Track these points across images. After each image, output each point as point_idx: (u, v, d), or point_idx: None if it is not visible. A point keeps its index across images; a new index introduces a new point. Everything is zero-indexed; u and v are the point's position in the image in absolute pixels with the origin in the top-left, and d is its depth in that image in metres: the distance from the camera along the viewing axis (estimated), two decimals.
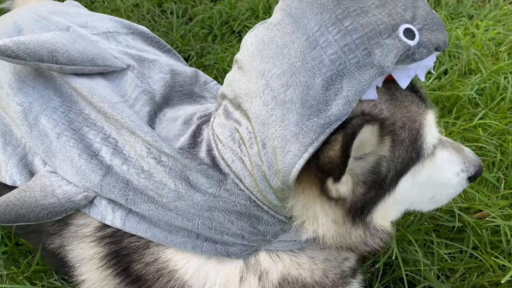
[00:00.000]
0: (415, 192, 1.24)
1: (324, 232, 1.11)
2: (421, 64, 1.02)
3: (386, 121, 1.00)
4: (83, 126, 1.29)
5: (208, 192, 1.13)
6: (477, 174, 1.32)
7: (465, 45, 2.62)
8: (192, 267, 1.18)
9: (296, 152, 0.94)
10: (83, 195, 1.22)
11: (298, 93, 0.94)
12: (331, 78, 0.94)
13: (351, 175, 1.03)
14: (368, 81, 0.94)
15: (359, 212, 1.10)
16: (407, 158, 1.10)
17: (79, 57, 1.31)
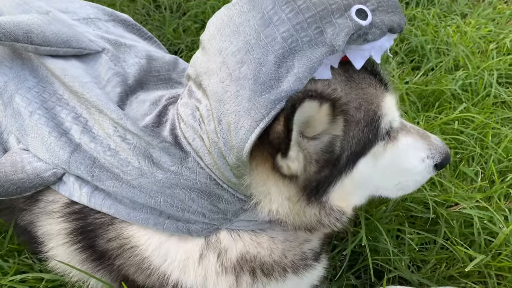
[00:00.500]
0: (378, 176, 1.25)
1: (278, 209, 1.13)
2: (375, 45, 1.04)
3: (338, 100, 1.01)
4: (56, 106, 1.32)
5: (170, 170, 1.15)
6: (444, 161, 1.33)
7: (454, 42, 2.62)
8: (153, 244, 1.20)
9: (248, 128, 0.97)
10: (52, 172, 1.25)
11: (252, 69, 0.97)
12: (283, 55, 0.96)
13: (304, 153, 1.05)
14: (319, 59, 0.96)
15: (315, 191, 1.11)
16: (363, 139, 1.11)
17: (54, 39, 1.34)
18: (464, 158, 1.96)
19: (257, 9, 1.00)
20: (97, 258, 1.27)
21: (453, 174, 1.92)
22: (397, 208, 1.75)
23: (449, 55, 2.54)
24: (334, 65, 1.05)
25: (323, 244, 1.39)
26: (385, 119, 1.15)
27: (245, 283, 1.20)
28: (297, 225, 1.17)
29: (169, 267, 1.20)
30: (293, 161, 1.03)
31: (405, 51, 2.62)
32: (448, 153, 1.34)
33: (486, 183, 1.84)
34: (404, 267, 1.61)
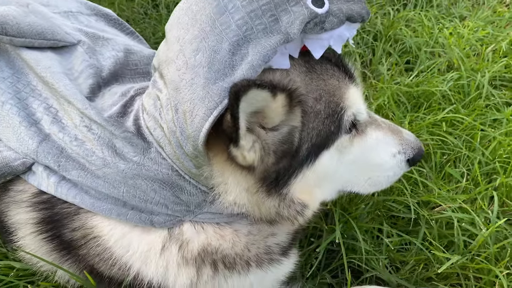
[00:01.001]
0: (347, 171, 1.23)
1: (237, 200, 1.12)
2: (333, 34, 1.03)
3: (295, 91, 1.00)
4: (28, 96, 1.33)
5: (132, 160, 1.15)
6: (416, 156, 1.30)
7: (449, 44, 2.58)
8: (116, 234, 1.20)
9: (202, 116, 0.96)
10: (21, 161, 1.26)
11: (206, 57, 0.96)
12: (238, 43, 0.95)
13: (262, 144, 1.04)
14: (273, 47, 0.95)
15: (274, 183, 1.09)
16: (324, 131, 1.09)
17: (29, 30, 1.35)
18: (450, 159, 1.93)
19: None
20: (64, 248, 1.27)
21: (438, 176, 1.89)
22: (378, 207, 1.72)
23: (443, 57, 2.50)
24: (294, 55, 1.04)
25: (293, 239, 1.37)
26: (349, 112, 1.13)
27: (206, 275, 1.18)
28: (258, 217, 1.15)
29: (130, 258, 1.19)
30: (248, 151, 1.02)
31: (399, 52, 2.59)
32: (420, 148, 1.31)
33: (471, 185, 1.80)
34: (382, 267, 1.58)
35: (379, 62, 2.53)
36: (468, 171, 1.85)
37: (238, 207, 1.13)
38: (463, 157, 1.90)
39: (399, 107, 2.19)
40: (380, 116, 1.37)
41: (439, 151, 1.91)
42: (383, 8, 2.91)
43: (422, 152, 1.31)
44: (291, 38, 0.96)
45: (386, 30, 2.65)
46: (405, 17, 2.84)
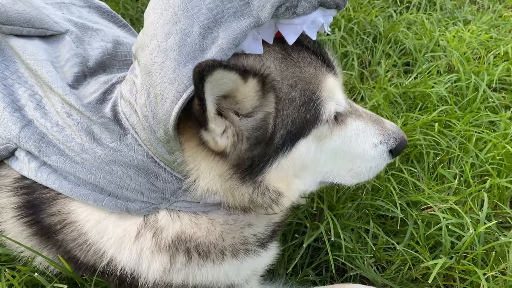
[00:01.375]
0: (327, 161, 1.21)
1: (210, 186, 1.11)
2: (307, 19, 1.02)
3: (267, 77, 0.99)
4: (15, 83, 1.35)
5: (109, 147, 1.15)
6: (399, 147, 1.27)
7: (450, 46, 2.56)
8: (92, 220, 1.20)
9: (172, 99, 0.95)
10: (4, 146, 1.27)
11: (177, 40, 0.96)
12: (208, 26, 0.95)
13: (235, 130, 1.03)
14: (243, 30, 0.95)
15: (249, 170, 1.08)
16: (300, 119, 1.08)
17: (17, 18, 1.38)
18: (444, 160, 1.90)
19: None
20: (43, 234, 1.27)
21: (431, 177, 1.86)
22: (366, 206, 1.70)
23: (443, 59, 2.48)
24: (268, 40, 1.04)
25: (274, 232, 1.36)
26: (327, 100, 1.11)
27: (179, 263, 1.18)
28: (231, 204, 1.14)
29: (105, 244, 1.19)
30: (220, 136, 1.01)
31: (398, 53, 2.57)
32: (403, 138, 1.28)
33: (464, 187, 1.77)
34: (367, 266, 1.56)
35: (378, 63, 2.51)
36: (461, 172, 1.82)
37: (211, 193, 1.12)
38: (456, 158, 1.87)
39: (395, 107, 2.17)
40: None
41: (432, 151, 1.88)
42: (385, 10, 2.89)
43: (404, 142, 1.29)
44: (262, 22, 0.95)
45: (387, 32, 2.64)
46: (407, 19, 2.82)
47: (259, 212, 1.19)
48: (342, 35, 2.56)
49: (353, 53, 2.43)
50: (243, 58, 1.02)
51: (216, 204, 1.19)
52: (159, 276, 1.18)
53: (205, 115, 0.93)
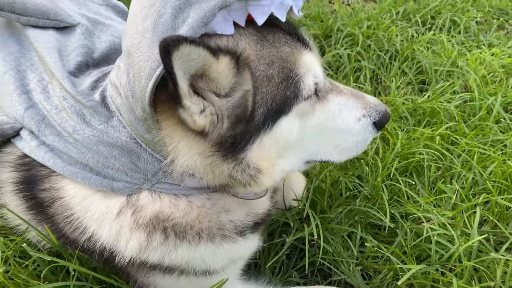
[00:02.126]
0: (312, 138, 1.24)
1: (189, 163, 1.15)
2: (275, 1, 1.08)
3: (241, 54, 1.04)
4: (27, 69, 1.47)
5: (97, 128, 1.23)
6: (382, 119, 1.29)
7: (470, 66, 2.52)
8: (79, 196, 1.27)
9: (147, 76, 1.01)
10: (10, 125, 1.38)
11: (152, 21, 1.03)
12: (180, 7, 1.01)
13: (215, 109, 1.07)
14: (211, 9, 1.00)
15: (231, 148, 1.12)
16: (280, 96, 1.11)
17: (34, 10, 1.51)
18: (445, 176, 1.87)
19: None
20: (37, 207, 1.36)
21: (431, 191, 1.83)
22: (357, 214, 1.69)
23: (459, 79, 2.45)
24: (240, 22, 1.08)
25: (256, 224, 1.38)
26: (306, 76, 1.14)
27: (156, 241, 1.22)
28: (210, 181, 1.18)
29: (88, 220, 1.25)
30: (198, 115, 1.05)
31: (414, 71, 2.56)
32: (386, 111, 1.30)
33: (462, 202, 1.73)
34: (352, 272, 1.55)
35: (392, 80, 2.51)
36: (462, 189, 1.78)
37: (190, 171, 1.16)
38: (457, 174, 1.84)
39: (402, 122, 2.16)
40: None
41: (434, 164, 1.86)
42: (405, 30, 2.90)
43: (387, 114, 1.30)
44: (229, 1, 1.01)
45: (404, 50, 2.64)
46: (426, 39, 2.81)
47: (238, 191, 1.22)
48: (359, 50, 2.59)
49: (367, 68, 2.45)
50: (217, 38, 1.07)
51: (197, 189, 1.24)
52: (135, 253, 1.23)
53: (177, 90, 0.98)
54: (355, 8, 3.37)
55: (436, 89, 2.35)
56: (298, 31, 1.21)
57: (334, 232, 1.63)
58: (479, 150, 1.87)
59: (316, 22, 2.96)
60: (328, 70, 2.53)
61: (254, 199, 1.34)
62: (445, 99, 2.21)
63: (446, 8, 3.19)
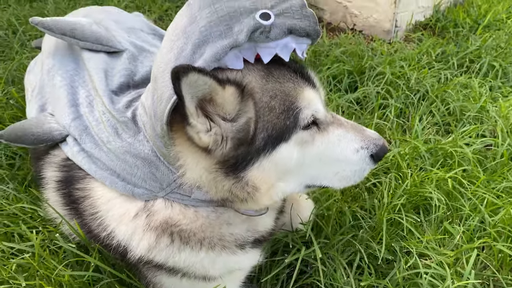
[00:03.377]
0: (312, 164, 1.37)
1: (195, 176, 1.33)
2: (279, 43, 1.24)
3: (247, 85, 1.22)
4: (79, 86, 1.74)
5: (126, 140, 1.45)
6: (379, 152, 1.40)
7: (499, 113, 2.55)
8: (104, 197, 1.48)
9: (166, 99, 1.21)
10: (59, 132, 1.64)
11: (175, 54, 1.23)
12: (198, 44, 1.21)
13: (220, 130, 1.24)
14: (224, 48, 1.19)
15: (233, 167, 1.28)
16: (280, 125, 1.26)
17: (90, 36, 1.79)
18: (454, 216, 1.92)
19: (189, 11, 1.28)
20: (72, 204, 1.58)
21: (436, 229, 1.89)
22: (359, 243, 1.78)
23: (485, 124, 2.48)
24: (250, 60, 1.26)
25: (256, 240, 1.52)
26: (306, 110, 1.29)
27: (163, 243, 1.40)
28: (213, 194, 1.35)
29: (110, 219, 1.46)
30: (204, 134, 1.24)
31: (442, 113, 2.62)
32: (384, 144, 1.40)
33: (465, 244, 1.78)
34: None
35: (420, 119, 2.59)
36: (467, 230, 1.83)
37: (197, 185, 1.34)
38: (465, 217, 1.88)
39: (421, 161, 2.23)
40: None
41: (443, 204, 1.91)
42: (439, 72, 2.97)
43: (385, 148, 1.40)
44: (239, 42, 1.19)
45: (434, 91, 2.71)
46: (460, 83, 2.86)
47: (237, 206, 1.38)
48: (388, 88, 2.69)
49: (392, 105, 2.54)
50: (227, 72, 1.26)
51: (205, 202, 1.40)
52: (144, 251, 1.41)
53: (185, 110, 1.17)
54: (396, 46, 3.48)
55: (459, 133, 2.39)
56: (304, 69, 1.37)
57: (334, 257, 1.73)
58: (489, 196, 1.90)
59: (353, 58, 3.09)
60: (355, 106, 2.66)
61: (255, 215, 1.49)
62: (465, 142, 2.26)
63: (487, 52, 3.22)
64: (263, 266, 1.70)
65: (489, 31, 3.66)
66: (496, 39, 3.45)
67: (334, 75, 2.95)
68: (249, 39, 1.21)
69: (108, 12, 2.20)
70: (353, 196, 2.00)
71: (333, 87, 2.88)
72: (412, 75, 2.82)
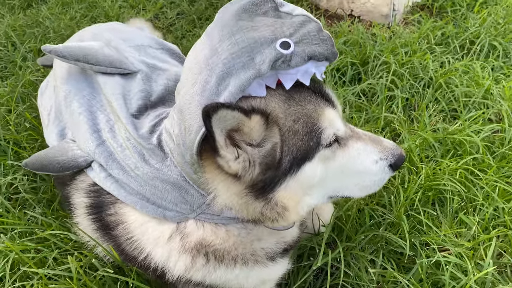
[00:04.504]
0: (334, 178, 1.44)
1: (227, 202, 1.39)
2: (300, 69, 1.28)
3: (271, 113, 1.27)
4: (97, 110, 1.77)
5: (154, 166, 1.50)
6: (398, 162, 1.47)
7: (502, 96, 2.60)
8: (138, 222, 1.54)
9: (195, 131, 1.27)
10: (84, 159, 1.68)
11: (200, 87, 1.27)
12: (222, 76, 1.25)
13: (248, 157, 1.30)
14: (248, 79, 1.23)
15: (262, 190, 1.34)
16: (304, 146, 1.32)
17: (103, 60, 1.82)
18: (468, 207, 1.99)
19: (209, 42, 1.32)
20: (104, 228, 1.65)
21: (453, 221, 1.96)
22: (379, 241, 1.86)
23: (491, 108, 2.53)
24: (271, 86, 1.30)
25: (285, 250, 1.60)
26: (327, 130, 1.34)
27: (199, 264, 1.47)
28: (245, 216, 1.41)
29: (145, 242, 1.52)
30: (233, 162, 1.29)
31: (447, 99, 2.67)
32: (401, 154, 1.48)
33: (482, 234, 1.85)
34: None
35: (426, 107, 2.63)
36: (481, 220, 1.90)
37: (228, 208, 1.40)
38: (479, 206, 1.95)
39: (431, 151, 2.28)
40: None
41: (457, 196, 1.98)
42: (441, 57, 3.00)
43: (403, 157, 1.48)
44: (262, 73, 1.23)
45: (438, 78, 2.75)
46: (462, 66, 2.89)
47: (268, 224, 1.44)
48: (393, 79, 2.73)
49: (399, 97, 2.59)
50: (251, 100, 1.30)
51: (233, 218, 1.47)
52: (182, 272, 1.48)
53: (215, 144, 1.23)
54: (395, 31, 3.49)
55: (466, 119, 2.45)
56: (322, 89, 1.41)
57: (358, 257, 1.80)
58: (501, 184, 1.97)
59: (354, 48, 3.11)
60: (362, 98, 2.70)
61: (283, 230, 1.55)
62: (474, 130, 2.31)
63: (486, 32, 3.24)
64: (291, 271, 1.77)
65: (486, 7, 3.66)
66: (493, 14, 3.46)
67: (337, 68, 2.97)
68: (271, 67, 1.25)
69: (116, 30, 2.21)
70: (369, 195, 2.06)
71: (338, 79, 2.91)
72: (416, 63, 2.85)
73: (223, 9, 1.39)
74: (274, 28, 1.29)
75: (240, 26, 1.30)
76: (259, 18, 1.34)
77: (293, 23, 1.31)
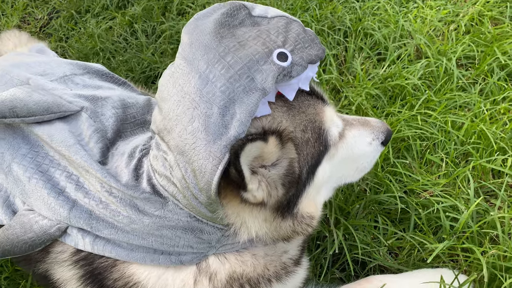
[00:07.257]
0: (338, 170, 1.47)
1: (257, 231, 1.32)
2: (300, 78, 1.22)
3: (283, 132, 1.20)
4: (49, 168, 1.50)
5: (154, 215, 1.33)
6: (387, 137, 1.56)
7: (415, 29, 2.76)
8: (153, 277, 1.39)
9: (210, 172, 1.14)
10: (57, 227, 1.43)
11: (201, 123, 1.13)
12: (225, 105, 1.12)
13: (267, 181, 1.23)
14: (256, 103, 1.13)
15: (287, 208, 1.30)
16: (316, 153, 1.31)
17: (37, 108, 1.51)
18: (430, 146, 2.13)
19: (195, 70, 1.17)
20: None
21: (421, 163, 2.10)
22: (371, 204, 1.93)
23: (410, 44, 2.68)
24: (271, 100, 1.22)
25: (303, 249, 1.59)
26: (331, 129, 1.36)
27: None
28: (276, 238, 1.36)
29: None
30: (256, 191, 1.21)
31: (369, 45, 2.77)
32: (388, 130, 1.57)
33: (452, 168, 2.01)
34: (382, 256, 1.80)
35: (353, 57, 2.70)
36: (446, 154, 2.06)
37: (258, 236, 1.33)
38: (440, 142, 2.11)
39: (377, 101, 2.38)
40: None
41: (418, 140, 2.11)
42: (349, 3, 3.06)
43: (390, 132, 1.57)
44: (267, 91, 1.14)
45: (355, 26, 2.82)
46: (370, 8, 3.00)
47: (298, 238, 1.41)
48: None
49: (330, 55, 2.61)
50: (257, 120, 1.20)
51: (249, 240, 1.39)
52: None
53: (244, 181, 1.14)
54: None
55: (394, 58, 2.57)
56: (314, 88, 1.37)
57: (357, 227, 1.86)
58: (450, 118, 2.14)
59: None
60: None
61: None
62: (407, 71, 2.45)
63: None
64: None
65: None
66: None
67: None
68: None
69: (23, 64, 1.84)
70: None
71: None
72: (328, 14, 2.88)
73: (194, 28, 1.22)
74: (263, 40, 1.18)
75: (225, 45, 1.16)
76: (240, 31, 1.21)
77: (278, 29, 1.21)
